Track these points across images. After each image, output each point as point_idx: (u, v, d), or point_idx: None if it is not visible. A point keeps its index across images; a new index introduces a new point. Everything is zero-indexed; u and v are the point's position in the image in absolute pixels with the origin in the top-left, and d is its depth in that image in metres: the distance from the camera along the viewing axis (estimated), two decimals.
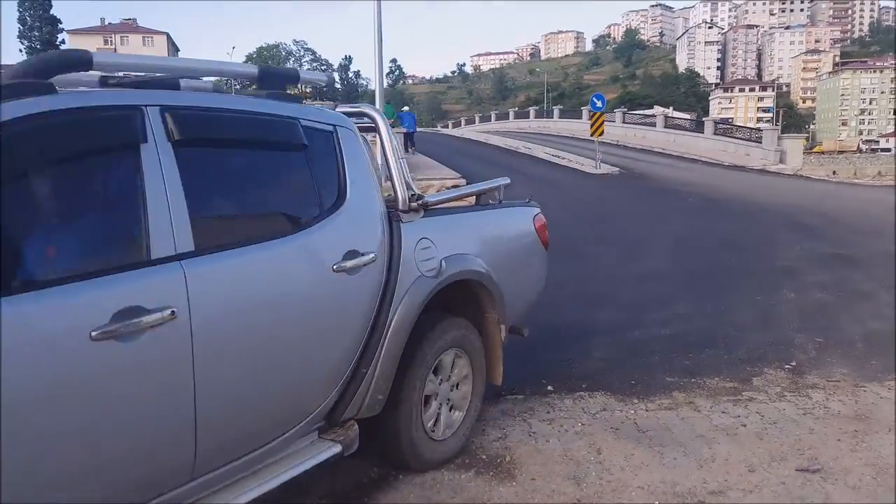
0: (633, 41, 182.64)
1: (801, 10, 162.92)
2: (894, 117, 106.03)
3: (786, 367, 4.50)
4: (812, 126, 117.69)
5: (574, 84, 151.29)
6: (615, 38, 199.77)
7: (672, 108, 72.56)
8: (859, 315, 5.76)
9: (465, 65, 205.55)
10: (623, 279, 7.38)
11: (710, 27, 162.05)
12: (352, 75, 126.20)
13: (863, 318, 5.65)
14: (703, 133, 30.08)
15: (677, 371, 4.43)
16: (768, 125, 36.37)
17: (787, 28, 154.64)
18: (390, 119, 21.68)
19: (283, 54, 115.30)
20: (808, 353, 4.79)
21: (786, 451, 3.22)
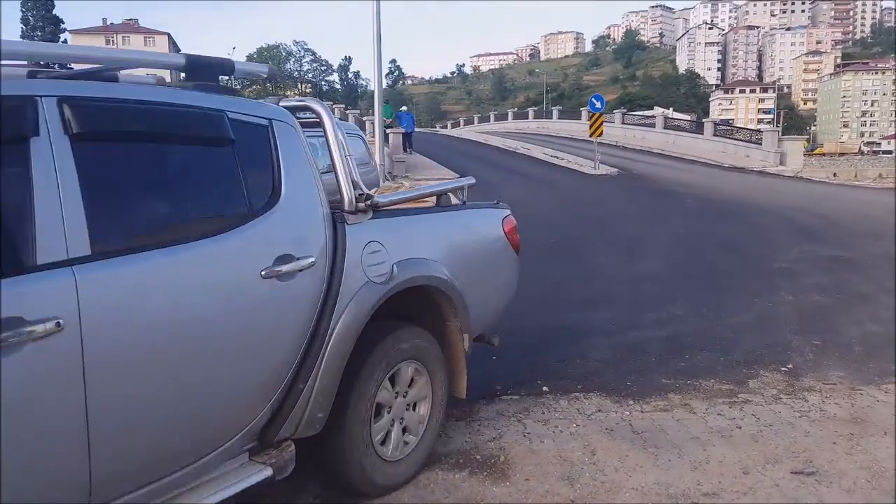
0: (632, 42, 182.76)
1: (803, 11, 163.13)
2: (895, 119, 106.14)
3: (782, 369, 4.49)
4: (813, 128, 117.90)
5: (573, 85, 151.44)
6: (615, 39, 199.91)
7: (672, 109, 72.52)
8: (857, 318, 5.75)
9: (464, 65, 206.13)
10: (620, 280, 7.37)
11: (710, 28, 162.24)
12: (351, 76, 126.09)
13: (861, 321, 5.64)
14: (702, 134, 30.08)
15: (673, 372, 4.42)
16: (769, 126, 36.37)
17: (788, 29, 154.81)
18: (388, 119, 21.80)
19: (284, 55, 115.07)
20: (805, 355, 4.79)
21: (781, 453, 3.22)
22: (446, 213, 3.40)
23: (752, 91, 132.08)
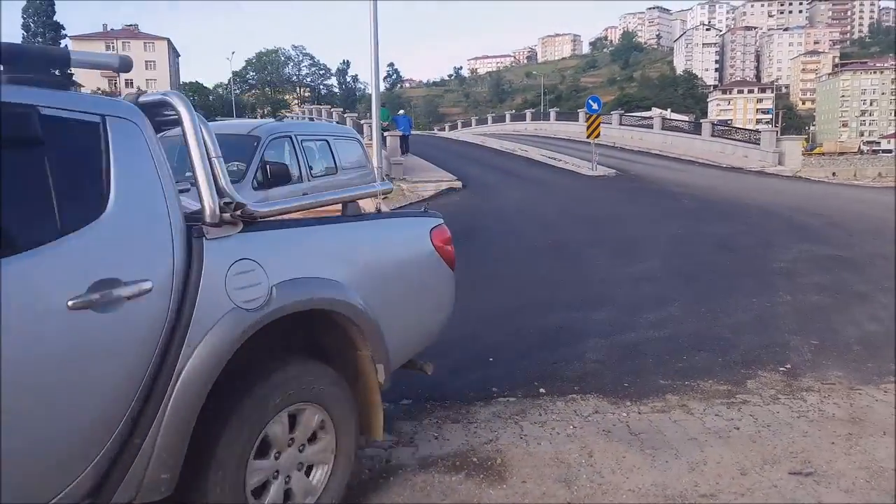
0: (630, 44, 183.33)
1: (800, 12, 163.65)
2: (895, 118, 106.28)
3: (780, 369, 4.47)
4: (812, 127, 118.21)
5: (571, 87, 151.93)
6: (612, 41, 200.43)
7: (670, 110, 72.68)
8: (856, 317, 5.73)
9: (461, 68, 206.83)
10: (617, 280, 7.36)
11: (707, 29, 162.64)
12: (350, 79, 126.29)
13: (859, 321, 5.63)
14: (700, 135, 30.11)
15: (670, 373, 4.41)
16: (767, 126, 36.37)
17: (786, 29, 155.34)
18: (385, 122, 21.84)
19: (283, 59, 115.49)
20: (803, 355, 4.77)
21: (779, 454, 3.20)
22: (355, 223, 2.91)
23: (751, 91, 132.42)
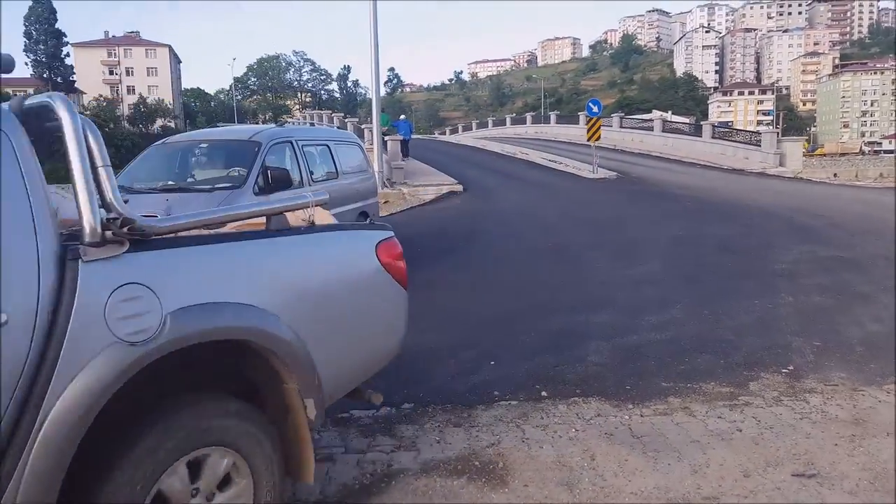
0: (630, 46, 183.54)
1: (800, 13, 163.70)
2: None
3: (783, 371, 4.46)
4: (813, 128, 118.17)
5: (571, 90, 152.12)
6: (612, 44, 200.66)
7: (671, 112, 72.52)
8: (858, 318, 5.71)
9: (462, 72, 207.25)
10: (618, 283, 7.35)
11: (707, 31, 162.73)
12: (350, 85, 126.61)
13: (862, 322, 5.61)
14: (701, 137, 30.07)
15: (673, 376, 4.40)
16: (768, 128, 36.34)
17: (786, 31, 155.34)
18: (384, 127, 21.88)
19: (284, 65, 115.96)
20: (806, 357, 4.75)
21: (782, 455, 3.19)
22: (281, 239, 2.53)
23: (751, 93, 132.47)
